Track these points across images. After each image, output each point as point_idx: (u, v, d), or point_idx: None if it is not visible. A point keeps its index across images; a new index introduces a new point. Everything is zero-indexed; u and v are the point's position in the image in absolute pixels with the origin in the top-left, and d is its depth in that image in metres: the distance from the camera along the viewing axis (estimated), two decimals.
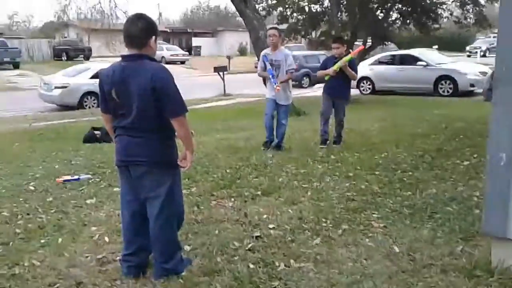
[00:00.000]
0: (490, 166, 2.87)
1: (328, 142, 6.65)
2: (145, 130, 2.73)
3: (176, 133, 2.80)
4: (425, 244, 3.29)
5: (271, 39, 6.24)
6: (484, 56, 31.07)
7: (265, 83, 6.60)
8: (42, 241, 3.49)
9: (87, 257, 3.22)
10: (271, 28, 6.52)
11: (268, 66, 6.20)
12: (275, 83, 6.07)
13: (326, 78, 6.51)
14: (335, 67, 6.26)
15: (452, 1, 14.49)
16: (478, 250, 3.12)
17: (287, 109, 6.50)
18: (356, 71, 6.56)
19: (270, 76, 6.17)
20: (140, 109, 2.67)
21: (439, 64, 15.79)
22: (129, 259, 2.94)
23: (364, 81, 16.34)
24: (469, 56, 31.65)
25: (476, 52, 32.51)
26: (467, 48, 34.33)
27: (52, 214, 4.05)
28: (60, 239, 3.50)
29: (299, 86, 19.34)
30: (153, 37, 2.76)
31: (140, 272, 2.94)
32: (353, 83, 15.43)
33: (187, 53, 39.09)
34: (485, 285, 2.70)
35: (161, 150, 2.78)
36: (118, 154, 2.85)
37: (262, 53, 6.48)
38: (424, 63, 15.50)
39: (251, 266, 3.04)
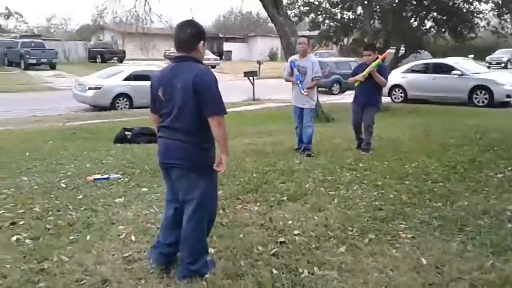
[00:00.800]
0: None
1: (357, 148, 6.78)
2: (184, 131, 2.80)
3: (213, 134, 2.82)
4: (454, 257, 3.21)
5: (300, 46, 6.53)
6: (505, 67, 28.67)
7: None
8: (71, 237, 3.57)
9: (113, 255, 3.28)
10: (301, 36, 6.81)
11: (296, 72, 6.39)
12: (303, 89, 6.27)
13: (356, 84, 6.62)
14: (364, 72, 6.39)
15: (490, 11, 14.10)
16: (509, 266, 3.02)
17: (311, 112, 6.69)
18: (386, 78, 6.59)
19: (298, 82, 6.34)
20: (180, 108, 2.76)
21: (475, 73, 15.38)
22: (162, 246, 3.04)
23: (396, 89, 16.07)
24: (488, 67, 27.27)
25: (499, 63, 30.11)
26: (487, 58, 31.00)
27: (82, 212, 4.14)
28: (88, 236, 3.58)
29: (330, 92, 19.25)
30: (201, 42, 2.89)
31: (167, 263, 3.02)
32: (385, 91, 15.25)
33: (218, 57, 39.47)
34: None
35: (199, 154, 2.84)
36: (160, 156, 2.96)
37: (290, 58, 6.74)
38: (459, 72, 15.14)
39: (275, 271, 3.03)
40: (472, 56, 25.89)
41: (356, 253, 3.32)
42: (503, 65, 29.64)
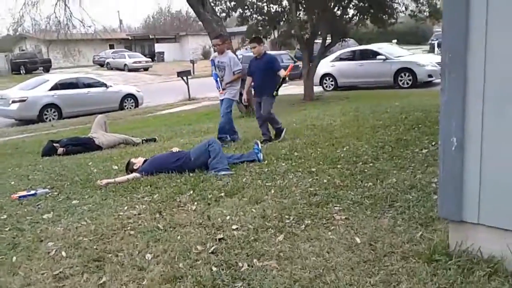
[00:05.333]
0: (442, 151, 2.90)
1: (272, 139, 7.01)
2: None
3: None
4: (386, 233, 3.32)
5: (215, 47, 7.13)
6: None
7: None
8: None
9: (43, 274, 3.10)
10: (213, 38, 7.32)
11: (214, 71, 6.70)
12: (219, 88, 6.74)
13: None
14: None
15: None
16: (437, 235, 3.17)
17: (228, 102, 7.02)
18: (277, 68, 6.70)
19: (215, 81, 6.77)
20: None
21: (398, 57, 16.13)
22: None
23: (327, 78, 16.53)
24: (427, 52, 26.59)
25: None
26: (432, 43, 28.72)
27: (7, 232, 3.89)
28: (14, 258, 3.36)
29: None
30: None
31: None
32: (316, 80, 15.57)
33: (150, 59, 38.62)
34: (444, 269, 2.73)
35: None
36: None
37: (211, 57, 7.23)
38: (383, 57, 15.80)
39: (214, 269, 3.00)
40: (395, 41, 27.03)
41: (293, 240, 3.36)
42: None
